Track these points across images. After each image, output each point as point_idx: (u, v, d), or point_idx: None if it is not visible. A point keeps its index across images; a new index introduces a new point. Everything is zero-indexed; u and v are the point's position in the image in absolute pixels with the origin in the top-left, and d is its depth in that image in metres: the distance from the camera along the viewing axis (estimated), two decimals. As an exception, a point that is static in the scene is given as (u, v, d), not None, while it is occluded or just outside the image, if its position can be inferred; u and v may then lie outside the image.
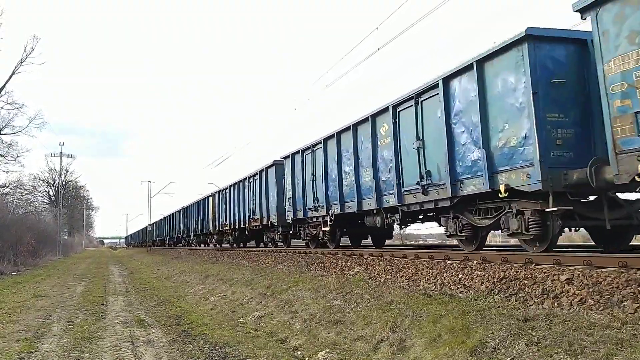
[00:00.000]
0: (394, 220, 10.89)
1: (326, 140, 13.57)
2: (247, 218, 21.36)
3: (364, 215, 11.98)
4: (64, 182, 64.59)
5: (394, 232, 16.03)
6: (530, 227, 7.22)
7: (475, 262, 7.42)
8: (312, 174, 14.45)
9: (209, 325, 8.07)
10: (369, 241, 15.23)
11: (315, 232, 14.84)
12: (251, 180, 20.90)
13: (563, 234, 7.85)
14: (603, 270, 5.49)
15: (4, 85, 34.69)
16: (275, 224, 17.82)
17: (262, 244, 22.70)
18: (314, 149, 14.47)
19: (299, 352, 6.18)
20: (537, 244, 7.40)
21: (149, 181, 60.11)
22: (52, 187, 64.94)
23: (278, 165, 17.81)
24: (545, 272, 5.93)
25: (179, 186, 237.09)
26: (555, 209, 6.76)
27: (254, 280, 11.76)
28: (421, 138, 9.41)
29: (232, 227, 24.01)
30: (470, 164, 8.20)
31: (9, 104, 35.71)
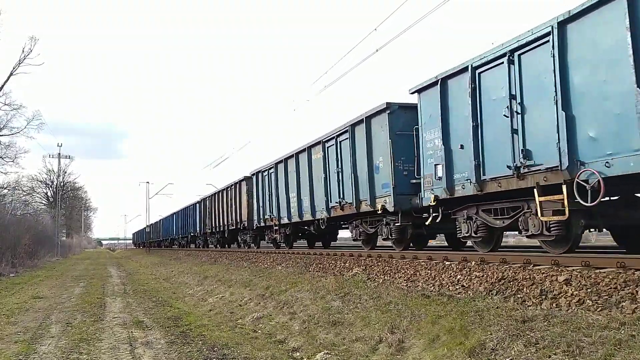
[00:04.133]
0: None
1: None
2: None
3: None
4: (62, 183, 64.49)
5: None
6: None
7: (473, 262, 7.42)
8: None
9: (208, 326, 8.06)
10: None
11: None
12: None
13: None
14: (601, 271, 5.50)
15: (2, 86, 34.62)
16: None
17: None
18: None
19: (298, 353, 6.18)
20: None
21: (147, 182, 59.83)
22: (50, 189, 64.86)
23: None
24: (543, 273, 5.93)
25: (177, 187, 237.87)
26: None
27: (252, 281, 11.75)
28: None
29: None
30: None
31: (7, 105, 35.67)
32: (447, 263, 7.90)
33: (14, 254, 25.31)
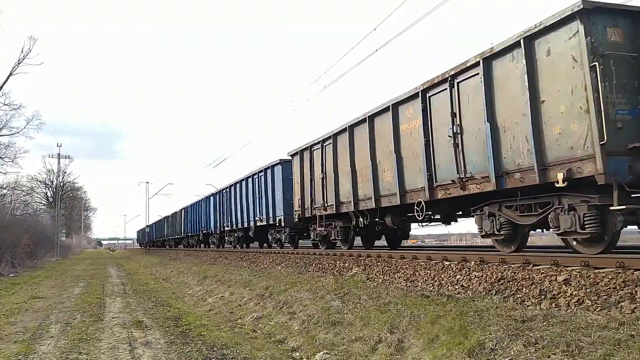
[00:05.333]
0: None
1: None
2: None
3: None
4: (61, 184, 64.51)
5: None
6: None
7: (473, 262, 7.42)
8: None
9: (207, 326, 8.06)
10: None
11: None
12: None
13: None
14: (600, 270, 5.51)
15: (2, 86, 34.60)
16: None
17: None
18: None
19: (297, 353, 6.18)
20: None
21: (147, 182, 59.86)
22: (50, 189, 64.82)
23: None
24: (542, 273, 5.94)
25: (177, 187, 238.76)
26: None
27: (252, 281, 11.75)
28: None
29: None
30: None
31: (7, 105, 35.67)
32: (446, 263, 7.90)
33: (14, 254, 25.30)
